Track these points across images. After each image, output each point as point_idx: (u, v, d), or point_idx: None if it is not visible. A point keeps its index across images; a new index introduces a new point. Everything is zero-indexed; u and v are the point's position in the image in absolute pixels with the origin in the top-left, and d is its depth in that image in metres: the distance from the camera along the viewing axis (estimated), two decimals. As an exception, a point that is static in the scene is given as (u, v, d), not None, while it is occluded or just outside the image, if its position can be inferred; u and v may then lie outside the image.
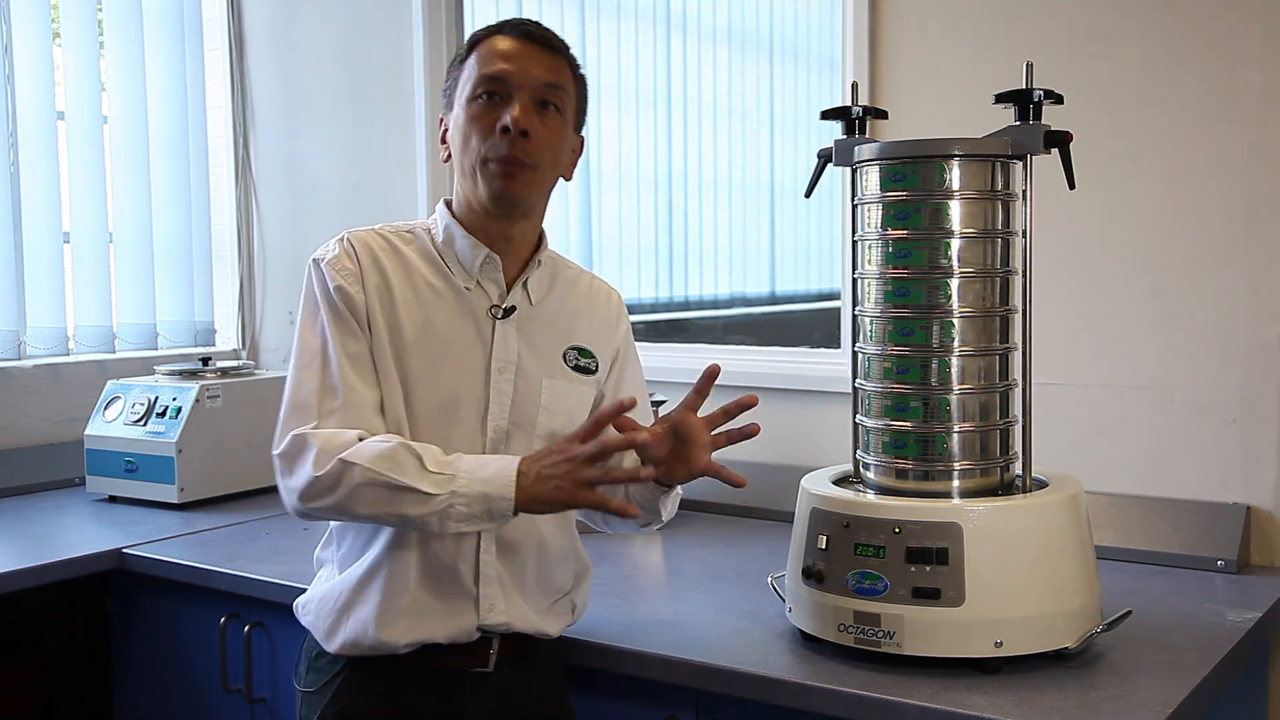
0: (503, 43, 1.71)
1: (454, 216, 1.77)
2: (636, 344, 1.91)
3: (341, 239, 1.74)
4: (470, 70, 1.71)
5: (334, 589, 1.74)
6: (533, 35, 1.72)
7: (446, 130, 1.77)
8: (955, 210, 1.77)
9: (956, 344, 1.78)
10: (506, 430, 1.73)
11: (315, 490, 1.61)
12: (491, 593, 1.72)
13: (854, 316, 1.89)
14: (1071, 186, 1.80)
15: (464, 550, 1.71)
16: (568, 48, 1.76)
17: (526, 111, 1.68)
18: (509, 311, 1.75)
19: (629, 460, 1.75)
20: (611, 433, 1.62)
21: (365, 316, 1.69)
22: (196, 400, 2.94)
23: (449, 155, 1.77)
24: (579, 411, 1.81)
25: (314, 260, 1.73)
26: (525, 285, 1.78)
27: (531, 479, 1.60)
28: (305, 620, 1.79)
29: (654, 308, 3.35)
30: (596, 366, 1.83)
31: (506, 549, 1.74)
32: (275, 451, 1.65)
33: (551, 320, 1.81)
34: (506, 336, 1.75)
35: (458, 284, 1.74)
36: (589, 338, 1.84)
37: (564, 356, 1.80)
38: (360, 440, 1.62)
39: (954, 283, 1.77)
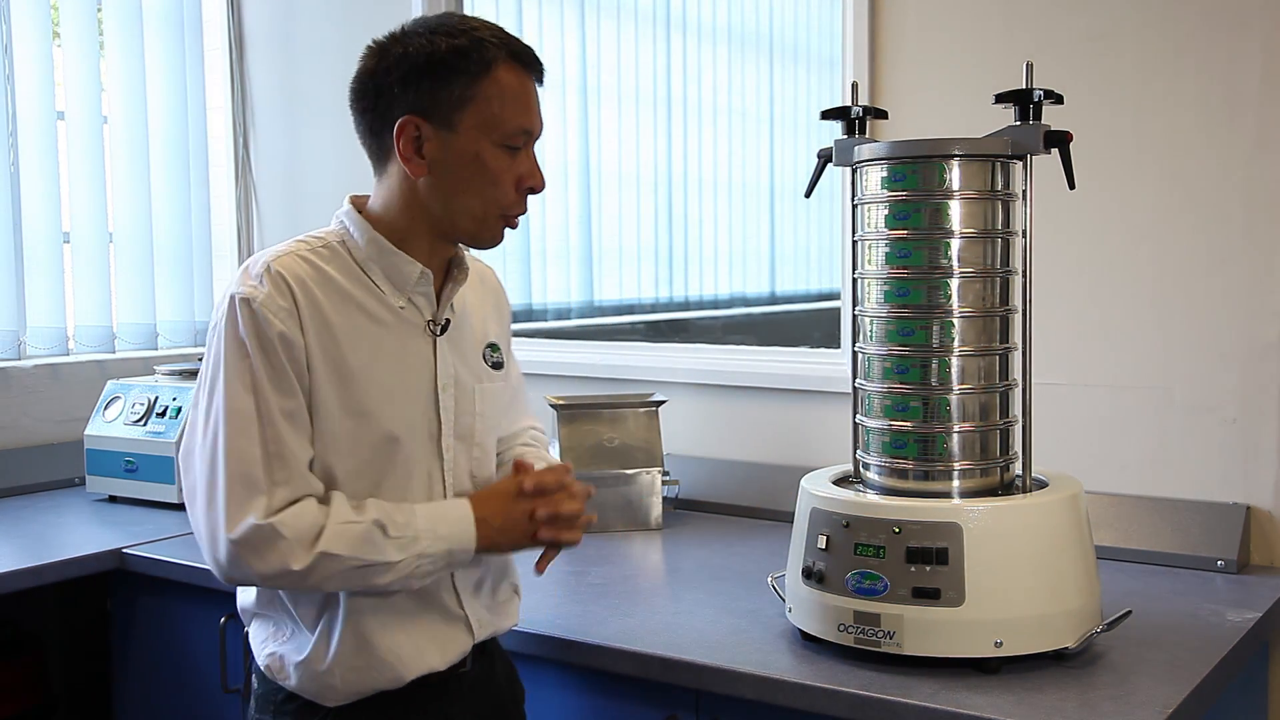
0: (525, 83, 1.60)
1: (374, 226, 1.64)
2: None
3: (268, 270, 1.56)
4: (491, 103, 1.57)
5: (316, 645, 1.62)
6: (541, 76, 1.64)
7: (422, 141, 1.58)
8: (955, 210, 1.77)
9: (956, 344, 1.78)
10: (455, 448, 1.69)
11: (289, 579, 1.53)
12: (476, 609, 1.70)
13: (854, 316, 1.89)
14: (1071, 186, 1.80)
15: (441, 577, 1.66)
16: None
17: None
18: (446, 326, 1.68)
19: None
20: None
21: (305, 361, 1.55)
22: (196, 400, 2.93)
23: (425, 170, 1.59)
24: (499, 410, 1.78)
25: (241, 299, 1.54)
26: (452, 298, 1.70)
27: (496, 528, 1.63)
28: (288, 685, 1.64)
29: (654, 308, 3.35)
30: (504, 360, 1.80)
31: (477, 564, 1.70)
32: (229, 535, 1.50)
33: (468, 323, 1.75)
34: (444, 353, 1.67)
35: (390, 303, 1.63)
36: (494, 330, 1.80)
37: (483, 357, 1.76)
38: (318, 509, 1.54)
39: (954, 283, 1.77)
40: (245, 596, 1.71)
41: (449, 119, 1.57)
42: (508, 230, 1.67)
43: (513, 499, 1.65)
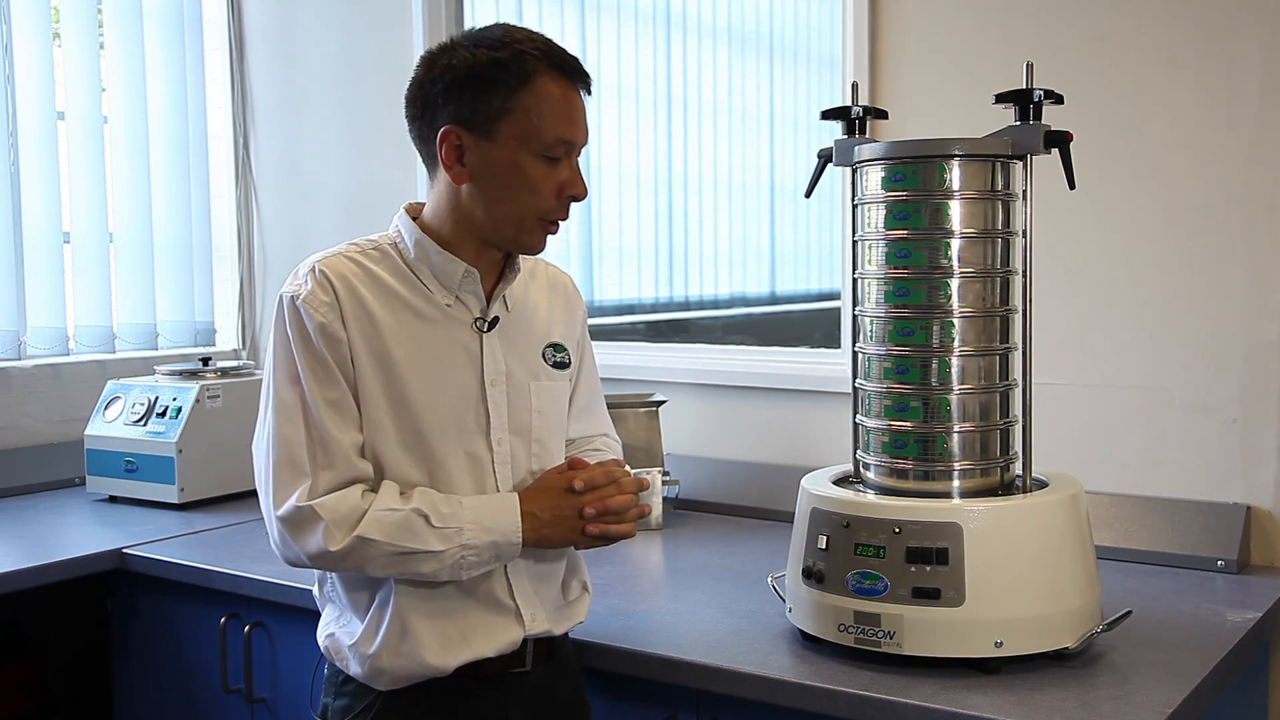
0: (567, 94, 1.62)
1: (424, 230, 1.69)
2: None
3: (313, 270, 1.65)
4: (530, 114, 1.60)
5: (366, 630, 1.67)
6: (588, 87, 1.66)
7: (463, 149, 1.63)
8: (955, 210, 1.77)
9: (956, 344, 1.78)
10: (510, 442, 1.72)
11: (330, 560, 1.60)
12: (529, 603, 1.72)
13: (854, 316, 1.89)
14: (1071, 186, 1.80)
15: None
16: None
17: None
18: (493, 324, 1.72)
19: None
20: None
21: (349, 354, 1.63)
22: (196, 400, 2.94)
23: (466, 178, 1.64)
24: (563, 408, 1.82)
25: (289, 297, 1.64)
26: (504, 295, 1.74)
27: (544, 522, 1.67)
28: (344, 667, 1.70)
29: (654, 308, 3.35)
30: (570, 359, 1.83)
31: (531, 555, 1.72)
32: (276, 513, 1.61)
33: (527, 322, 1.79)
34: (494, 349, 1.72)
35: (438, 301, 1.69)
36: (560, 331, 1.83)
37: (543, 356, 1.79)
38: (363, 496, 1.61)
39: (954, 283, 1.77)
40: (316, 585, 1.79)
41: (489, 129, 1.62)
42: (550, 237, 1.70)
43: (561, 493, 1.69)
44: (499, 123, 1.61)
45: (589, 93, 1.67)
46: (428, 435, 1.66)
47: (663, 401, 2.74)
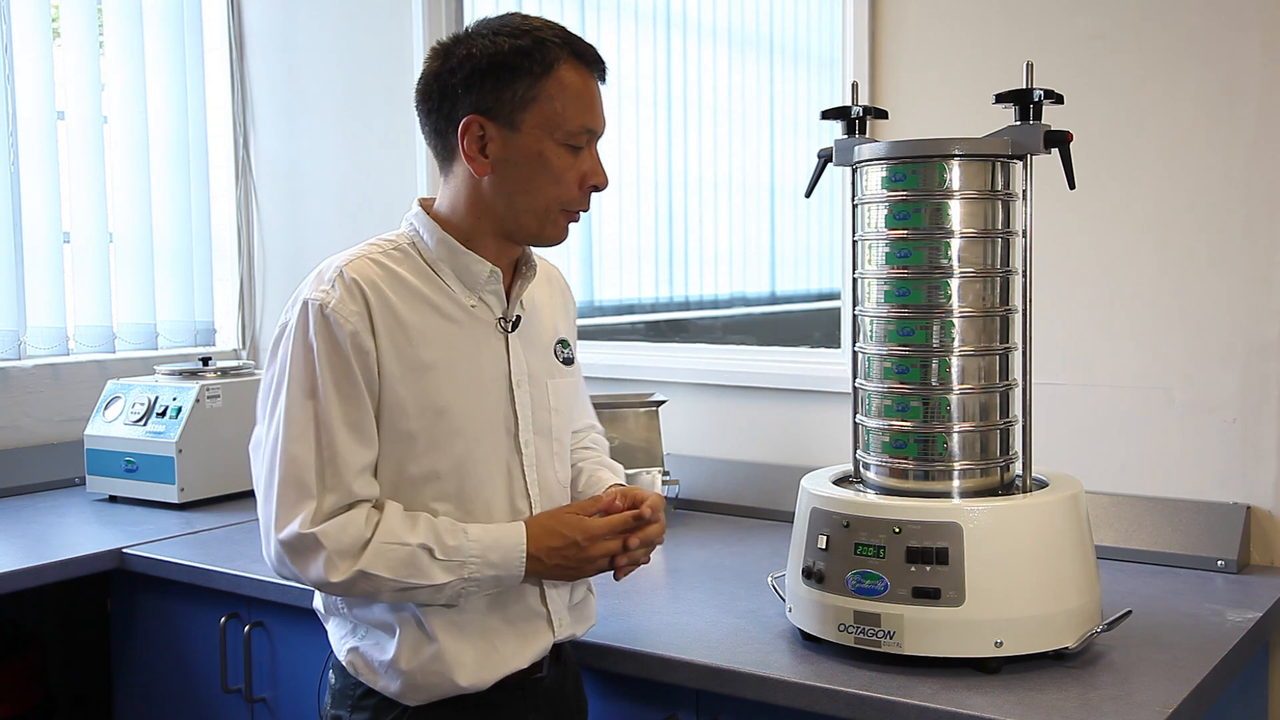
0: (587, 82, 1.63)
1: (443, 227, 1.65)
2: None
3: (340, 275, 1.59)
4: (553, 102, 1.59)
5: (399, 648, 1.62)
6: (604, 75, 1.66)
7: (485, 140, 1.60)
8: (955, 210, 1.77)
9: (956, 344, 1.78)
10: (535, 443, 1.70)
11: (331, 589, 1.57)
12: (559, 608, 1.71)
13: (854, 316, 1.89)
14: (1072, 186, 1.80)
15: None
16: None
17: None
18: (516, 323, 1.71)
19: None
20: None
21: (375, 365, 1.57)
22: (196, 400, 2.94)
23: (489, 169, 1.61)
24: (573, 404, 1.82)
25: (316, 305, 1.57)
26: (521, 295, 1.72)
27: (547, 568, 1.64)
28: (372, 683, 1.65)
29: (654, 308, 3.35)
30: (573, 355, 1.83)
31: None
32: (278, 536, 1.54)
33: (539, 320, 1.77)
34: (517, 349, 1.70)
35: (462, 301, 1.65)
36: (563, 327, 1.83)
37: (554, 353, 1.78)
38: (366, 521, 1.56)
39: (954, 283, 1.77)
40: (316, 599, 1.74)
41: (512, 119, 1.59)
42: (571, 226, 1.68)
43: (573, 545, 1.64)
44: (523, 112, 1.59)
45: (604, 81, 1.67)
46: (462, 441, 1.63)
47: (663, 401, 2.74)
